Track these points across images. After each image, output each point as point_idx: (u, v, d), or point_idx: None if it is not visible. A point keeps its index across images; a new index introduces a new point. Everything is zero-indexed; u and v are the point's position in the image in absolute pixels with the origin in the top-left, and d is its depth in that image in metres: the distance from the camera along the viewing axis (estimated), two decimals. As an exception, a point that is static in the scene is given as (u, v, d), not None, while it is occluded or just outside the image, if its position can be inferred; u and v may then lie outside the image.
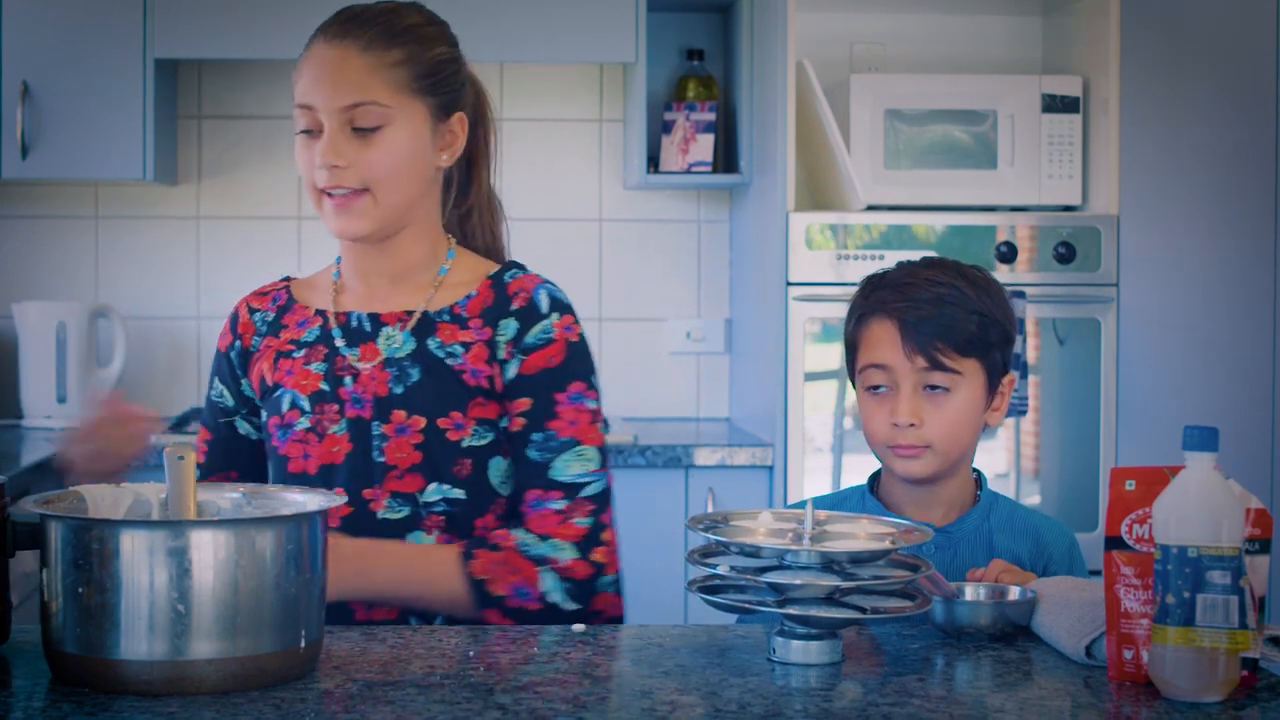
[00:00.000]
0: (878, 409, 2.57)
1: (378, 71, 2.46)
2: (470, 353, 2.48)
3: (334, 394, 2.51)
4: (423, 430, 2.47)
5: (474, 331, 2.50)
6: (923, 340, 2.52)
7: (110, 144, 4.80)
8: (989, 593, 2.28)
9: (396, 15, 2.53)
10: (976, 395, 2.55)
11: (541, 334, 2.49)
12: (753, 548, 2.10)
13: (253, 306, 2.68)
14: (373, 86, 2.45)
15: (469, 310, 2.52)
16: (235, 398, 2.64)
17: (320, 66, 2.48)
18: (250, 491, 2.15)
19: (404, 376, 2.48)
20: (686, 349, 5.36)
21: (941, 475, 2.57)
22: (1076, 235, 4.57)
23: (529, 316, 2.50)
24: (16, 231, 5.22)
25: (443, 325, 2.51)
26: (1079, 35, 4.83)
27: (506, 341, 2.48)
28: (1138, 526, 2.00)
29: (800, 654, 2.06)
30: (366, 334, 2.53)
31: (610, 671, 2.03)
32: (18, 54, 4.76)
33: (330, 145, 2.45)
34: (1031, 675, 2.05)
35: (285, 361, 2.56)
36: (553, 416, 2.47)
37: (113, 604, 1.87)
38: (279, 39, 4.77)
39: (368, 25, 2.49)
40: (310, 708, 1.84)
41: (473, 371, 2.48)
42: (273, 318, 2.63)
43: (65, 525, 1.90)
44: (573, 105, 5.35)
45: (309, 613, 1.96)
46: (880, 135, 4.65)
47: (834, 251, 4.51)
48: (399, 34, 2.50)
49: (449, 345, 2.49)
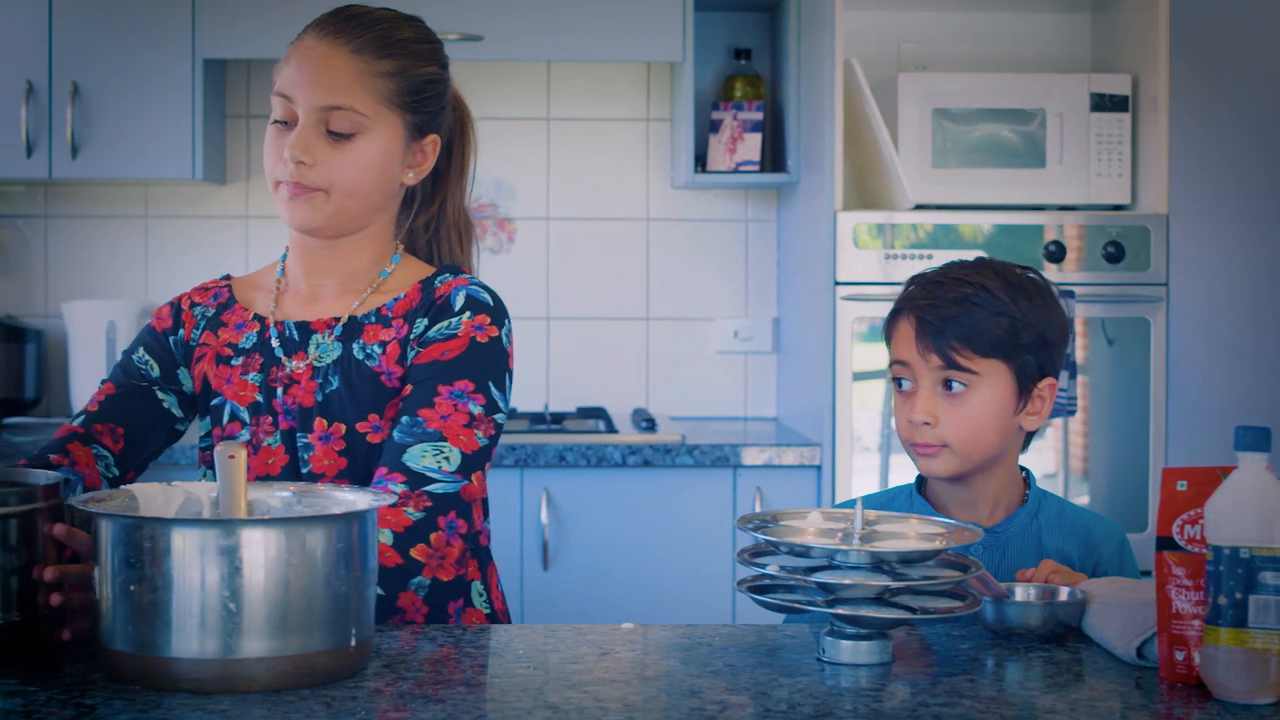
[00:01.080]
0: (902, 405, 2.58)
1: (363, 78, 2.45)
2: (385, 352, 2.47)
3: (268, 405, 2.51)
4: (344, 436, 2.47)
5: (394, 330, 2.49)
6: (939, 339, 2.51)
7: (159, 144, 4.82)
8: (1039, 593, 2.27)
9: (393, 25, 2.52)
10: (1000, 397, 2.54)
11: (445, 329, 2.45)
12: (802, 547, 2.09)
13: (194, 300, 2.64)
14: (355, 93, 2.45)
15: (394, 311, 2.51)
16: (163, 373, 2.61)
17: (306, 61, 2.47)
18: (301, 490, 2.16)
19: (325, 384, 2.48)
20: (734, 348, 5.35)
21: (968, 474, 2.56)
22: (1125, 234, 4.55)
23: (440, 313, 2.47)
24: (66, 231, 5.24)
25: (369, 327, 2.50)
26: (1128, 33, 4.81)
27: (414, 337, 2.47)
28: (1189, 527, 1.99)
29: (850, 654, 2.06)
30: (297, 343, 2.53)
31: (660, 671, 2.03)
32: (67, 55, 4.79)
33: (300, 141, 2.44)
34: (1082, 676, 2.04)
35: (224, 369, 2.55)
36: (427, 405, 2.41)
37: (164, 602, 1.87)
38: (327, 39, 4.78)
39: (363, 29, 2.48)
40: (361, 706, 1.85)
41: (387, 373, 2.47)
42: (212, 314, 2.61)
43: (117, 524, 1.91)
44: (620, 104, 5.35)
45: (359, 611, 1.97)
46: (928, 134, 4.64)
47: (881, 251, 4.50)
48: (392, 45, 2.49)
49: (369, 346, 2.48)
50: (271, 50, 4.81)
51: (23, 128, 4.76)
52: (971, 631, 2.25)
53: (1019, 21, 5.16)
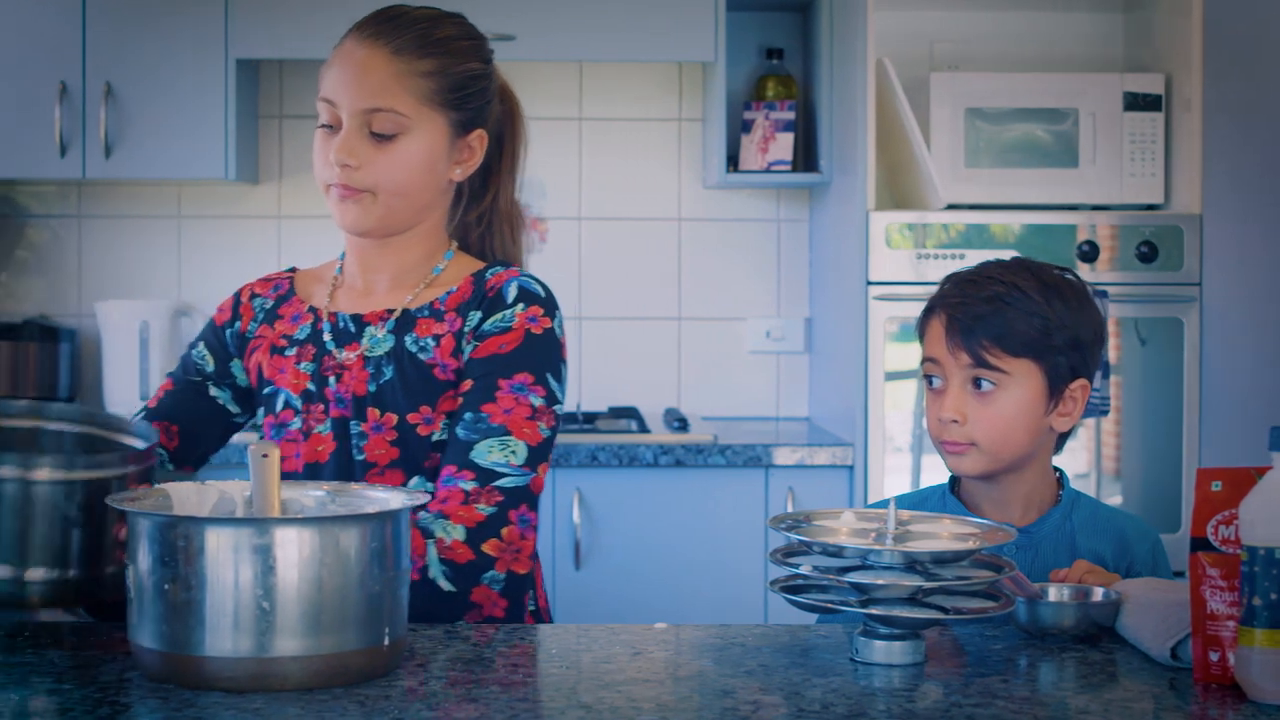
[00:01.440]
0: (932, 403, 2.58)
1: (403, 79, 2.47)
2: (440, 345, 2.50)
3: (320, 393, 2.54)
4: (396, 427, 2.49)
5: (446, 324, 2.51)
6: (968, 337, 2.51)
7: (192, 144, 4.84)
8: (1073, 593, 2.26)
9: (433, 24, 2.54)
10: (1030, 396, 2.53)
11: (500, 321, 2.48)
12: (835, 548, 2.09)
13: (255, 292, 2.69)
14: (395, 93, 2.47)
15: (447, 305, 2.53)
16: (216, 365, 2.66)
17: (348, 64, 2.50)
18: (334, 489, 2.16)
19: (379, 374, 2.50)
20: (766, 348, 5.35)
21: (997, 474, 2.56)
22: (1159, 234, 4.54)
23: (494, 305, 2.49)
24: (100, 231, 5.26)
25: (421, 320, 2.53)
26: (1161, 32, 4.80)
27: (469, 330, 2.49)
28: (1224, 528, 1.98)
29: (883, 654, 2.06)
30: (351, 334, 2.55)
31: (693, 671, 2.03)
32: (101, 55, 4.80)
33: (345, 144, 2.47)
34: (1116, 677, 2.04)
35: (279, 359, 2.58)
36: (489, 400, 2.43)
37: (198, 601, 1.88)
38: (360, 39, 4.79)
39: (402, 30, 2.50)
40: (394, 705, 1.85)
41: (441, 365, 2.49)
42: (270, 305, 2.65)
43: (151, 522, 1.91)
44: (652, 104, 5.35)
45: (393, 610, 1.97)
46: (961, 134, 4.64)
47: (913, 251, 4.50)
48: (432, 44, 2.51)
49: (422, 339, 2.51)
50: (304, 51, 4.82)
51: (56, 128, 4.77)
52: (1005, 632, 2.24)
53: (1052, 21, 5.15)
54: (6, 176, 4.95)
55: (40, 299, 5.26)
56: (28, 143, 4.80)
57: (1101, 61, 5.10)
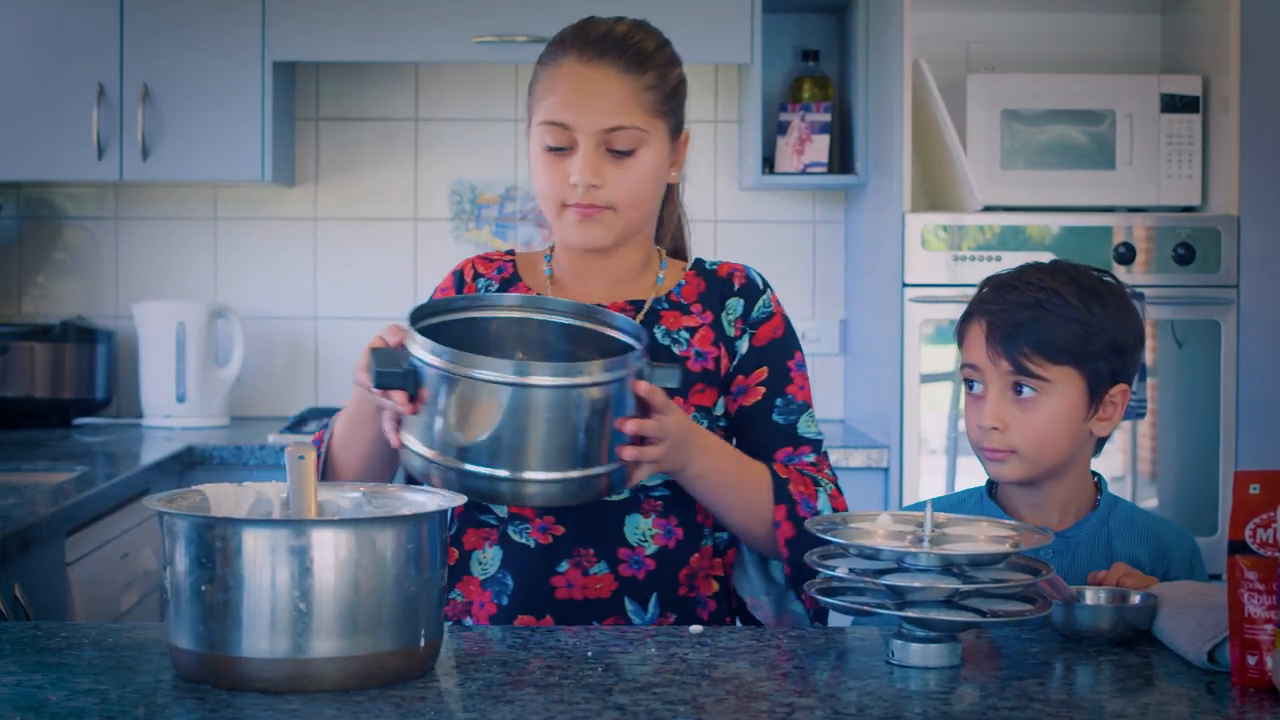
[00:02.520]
0: (972, 409, 2.56)
1: (635, 95, 2.51)
2: (696, 336, 2.55)
3: None
4: None
5: (696, 316, 2.58)
6: (1009, 344, 2.49)
7: (229, 146, 4.85)
8: (1109, 596, 2.26)
9: (642, 38, 2.57)
10: (1071, 403, 2.52)
11: (763, 308, 2.61)
12: (872, 550, 2.09)
13: (479, 270, 2.68)
14: (631, 110, 2.50)
15: (685, 296, 2.60)
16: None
17: (579, 86, 2.51)
18: (370, 491, 2.17)
19: None
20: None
21: (1037, 480, 2.54)
22: (1196, 236, 4.53)
23: (750, 293, 2.62)
24: (137, 232, 5.28)
25: (665, 313, 2.58)
26: (1198, 33, 4.78)
27: (735, 319, 2.58)
28: (1262, 531, 1.98)
29: (919, 657, 2.05)
30: None
31: (728, 673, 2.03)
32: (138, 58, 4.82)
33: (590, 166, 2.48)
34: (1153, 680, 2.03)
35: None
36: (789, 382, 2.60)
37: (235, 602, 1.88)
38: (395, 41, 4.81)
39: (623, 48, 2.53)
40: (430, 706, 1.85)
41: (698, 354, 2.54)
42: (496, 288, 2.64)
43: (189, 523, 1.92)
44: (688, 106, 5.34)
45: (429, 612, 1.97)
46: (997, 135, 4.63)
47: (949, 253, 4.49)
48: (649, 57, 2.55)
49: (675, 331, 2.56)
50: (341, 53, 4.84)
51: (94, 130, 4.79)
52: (1041, 635, 2.24)
53: (1088, 22, 5.14)
54: (44, 178, 4.97)
55: (77, 300, 5.29)
56: (65, 145, 4.82)
57: (1138, 63, 5.08)
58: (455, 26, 4.81)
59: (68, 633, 2.20)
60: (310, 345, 5.31)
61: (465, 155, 5.32)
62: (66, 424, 5.03)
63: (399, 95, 5.31)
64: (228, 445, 4.55)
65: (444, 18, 4.81)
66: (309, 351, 5.31)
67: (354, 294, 5.30)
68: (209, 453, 4.53)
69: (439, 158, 5.32)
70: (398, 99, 5.31)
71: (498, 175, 5.32)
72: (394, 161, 5.31)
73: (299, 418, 4.95)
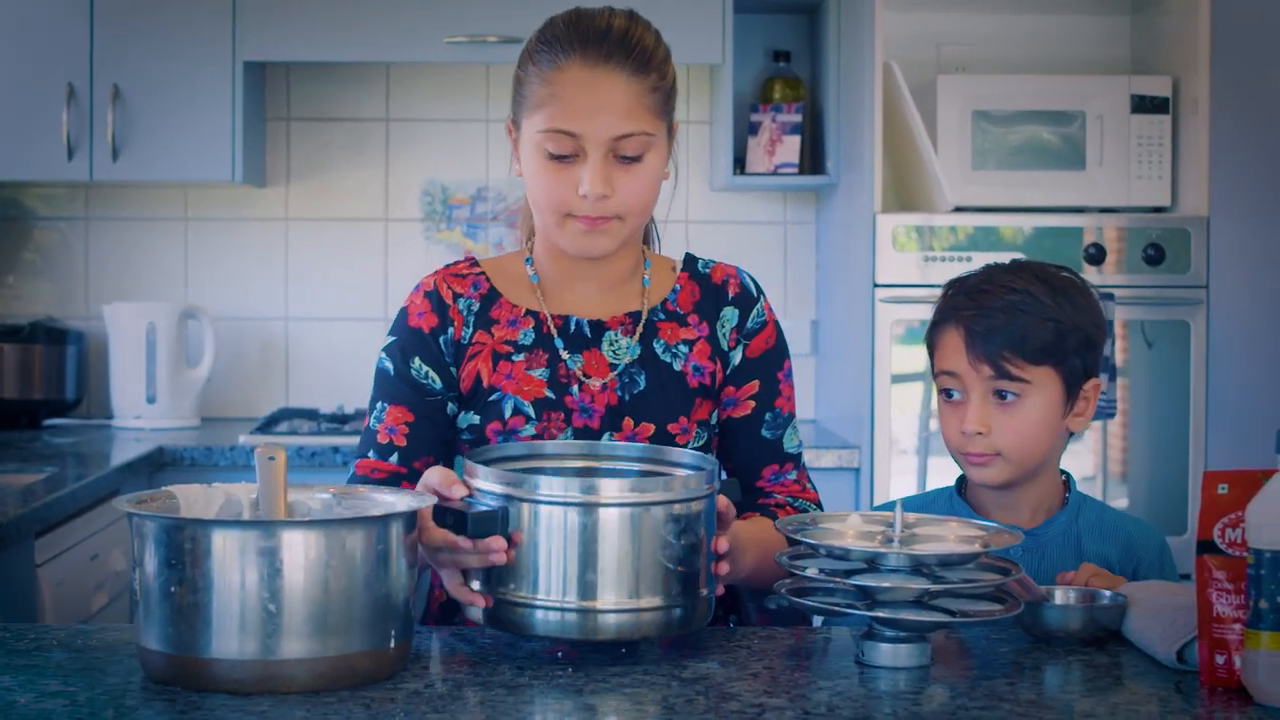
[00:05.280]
0: (951, 415, 2.56)
1: (642, 98, 2.42)
2: (694, 350, 2.53)
3: (560, 402, 2.47)
4: (650, 437, 2.47)
5: (693, 328, 2.54)
6: (990, 349, 2.50)
7: (199, 146, 4.84)
8: (1079, 596, 2.26)
9: (644, 31, 2.48)
10: (1051, 402, 2.53)
11: (757, 318, 2.59)
12: (842, 550, 2.09)
13: (455, 291, 2.54)
14: (640, 115, 2.42)
15: (680, 305, 2.55)
16: (444, 380, 2.50)
17: (585, 92, 2.40)
18: (340, 492, 2.17)
19: (632, 384, 2.49)
20: (772, 350, 5.34)
21: (1018, 481, 2.55)
22: (1166, 237, 4.54)
23: (745, 302, 2.59)
24: (107, 233, 5.26)
25: (662, 325, 2.53)
26: (1168, 35, 4.80)
27: (730, 330, 2.56)
28: (1230, 530, 1.98)
29: (889, 657, 2.06)
30: (588, 339, 2.51)
31: (698, 673, 2.03)
32: (108, 58, 4.80)
33: (601, 176, 2.39)
34: (1122, 680, 2.04)
35: (504, 364, 2.49)
36: (778, 395, 2.60)
37: (204, 603, 1.88)
38: (366, 41, 4.80)
39: (628, 48, 2.43)
40: (400, 708, 1.85)
41: (695, 369, 2.51)
42: (478, 308, 2.53)
43: (158, 525, 1.92)
44: (659, 107, 5.34)
45: (399, 613, 1.97)
46: (968, 136, 4.64)
47: (920, 253, 4.50)
48: (649, 58, 2.45)
49: (673, 346, 2.52)
50: (311, 53, 4.83)
51: (64, 130, 4.78)
52: (1011, 635, 2.24)
53: (1059, 23, 5.15)
54: (14, 179, 4.95)
55: (47, 301, 5.27)
56: (35, 145, 4.80)
57: (1108, 64, 5.09)
58: (427, 27, 4.81)
59: (37, 634, 2.19)
60: (281, 346, 5.30)
61: (437, 156, 5.32)
62: (36, 425, 5.02)
63: (370, 96, 5.31)
64: (198, 446, 4.54)
65: (415, 18, 4.80)
66: (280, 352, 5.30)
67: (325, 295, 5.29)
68: (179, 454, 4.52)
69: (410, 158, 5.32)
70: (369, 99, 5.30)
71: (469, 176, 5.32)
72: (365, 162, 5.30)
73: (269, 419, 4.95)
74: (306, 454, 4.46)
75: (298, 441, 4.53)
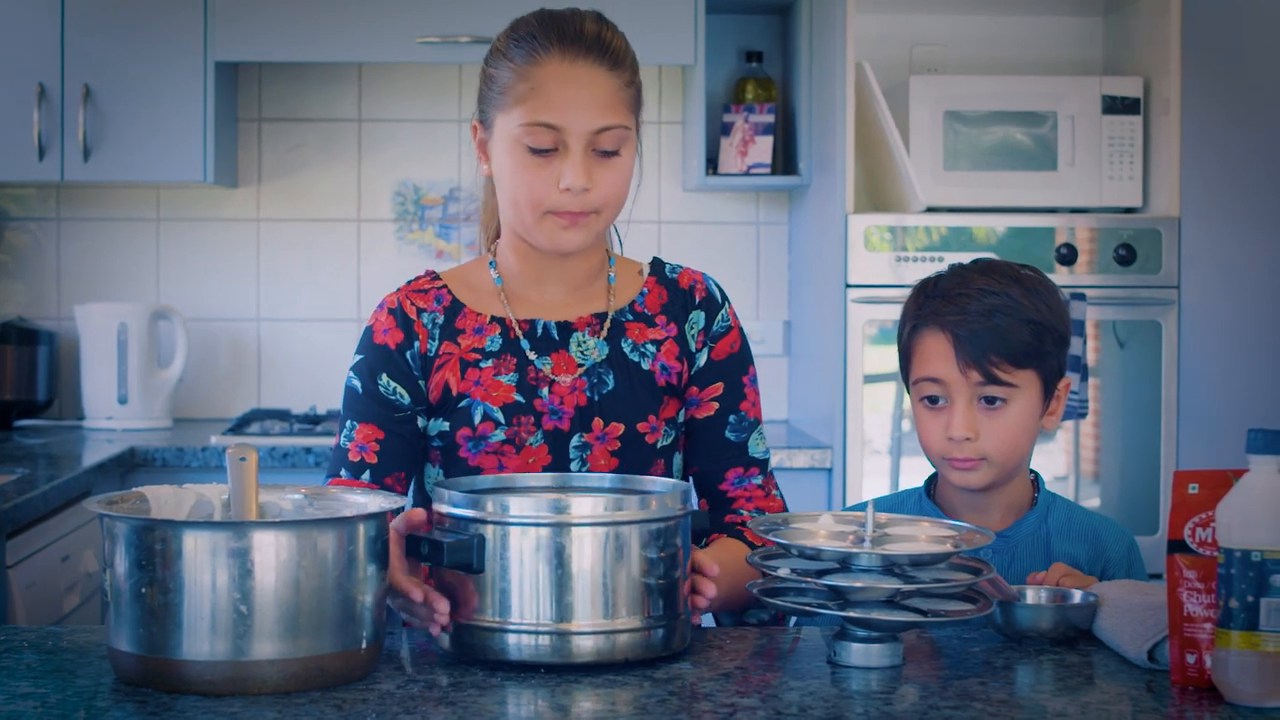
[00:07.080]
0: (933, 421, 2.55)
1: (619, 93, 2.46)
2: (663, 350, 2.54)
3: (529, 405, 2.47)
4: (620, 437, 2.48)
5: (661, 329, 2.55)
6: (977, 354, 2.49)
7: (171, 147, 4.82)
8: (1050, 596, 2.27)
9: (613, 33, 2.50)
10: (1033, 404, 2.53)
11: (722, 322, 2.60)
12: (813, 550, 2.09)
13: (419, 306, 2.53)
14: (618, 109, 2.45)
15: (649, 307, 2.57)
16: (412, 395, 2.50)
17: (567, 86, 2.42)
18: (312, 492, 2.16)
19: (601, 384, 2.49)
20: (745, 351, 5.34)
21: (999, 484, 2.56)
22: (1137, 237, 4.55)
23: (710, 306, 2.60)
24: (79, 234, 5.25)
25: (630, 325, 2.54)
26: (1140, 36, 4.81)
27: (697, 332, 2.57)
28: (1201, 530, 1.99)
29: (861, 657, 2.06)
30: (555, 342, 2.51)
31: (671, 673, 2.03)
32: (79, 58, 4.79)
33: (583, 170, 2.41)
34: (1093, 679, 2.04)
35: (472, 371, 2.49)
36: (742, 398, 2.60)
37: (175, 604, 1.88)
38: (338, 41, 4.79)
39: (601, 46, 2.45)
40: (371, 709, 1.85)
41: (663, 368, 2.52)
42: (443, 320, 2.52)
43: (129, 526, 1.91)
44: (631, 107, 5.34)
45: (370, 614, 1.97)
46: (940, 137, 4.64)
47: (893, 254, 4.50)
48: (621, 55, 2.49)
49: (641, 345, 2.53)
50: (284, 53, 4.82)
51: (35, 130, 4.76)
52: (982, 634, 2.25)
53: (1031, 24, 5.16)
54: (-16, 179, 4.94)
55: (19, 302, 5.25)
56: (6, 145, 4.78)
57: (1080, 64, 5.11)
58: (399, 27, 4.80)
59: (6, 636, 2.19)
60: (253, 347, 5.29)
61: (409, 156, 5.31)
62: (7, 426, 5.00)
63: (342, 96, 5.30)
64: (170, 447, 4.53)
65: (387, 18, 4.80)
66: (252, 353, 5.29)
67: (297, 295, 5.28)
68: (151, 454, 4.51)
69: (382, 159, 5.31)
70: (341, 100, 5.29)
71: (442, 176, 5.31)
72: (337, 163, 5.30)
73: (241, 419, 4.94)
74: (278, 455, 4.46)
75: (269, 442, 4.52)
